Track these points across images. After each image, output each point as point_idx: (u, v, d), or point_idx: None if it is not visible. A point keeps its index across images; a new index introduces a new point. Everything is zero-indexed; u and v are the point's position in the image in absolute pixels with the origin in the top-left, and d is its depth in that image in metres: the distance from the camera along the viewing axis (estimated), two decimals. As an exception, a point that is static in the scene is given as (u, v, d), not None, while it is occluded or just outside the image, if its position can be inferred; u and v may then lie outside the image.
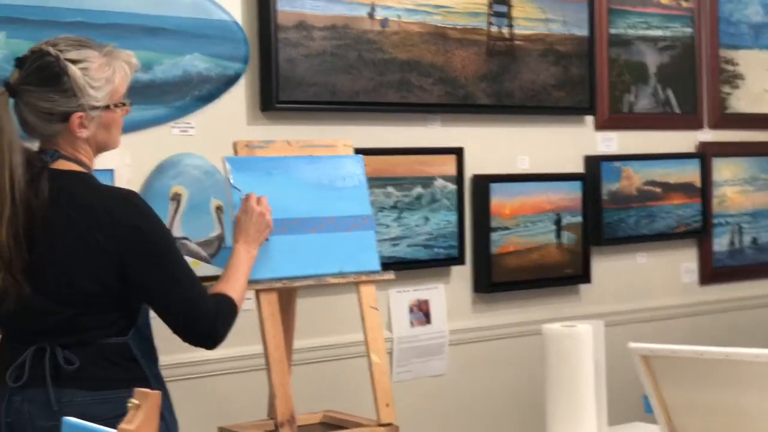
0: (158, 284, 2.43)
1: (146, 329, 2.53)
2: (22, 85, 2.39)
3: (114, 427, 2.32)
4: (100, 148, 2.50)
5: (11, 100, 2.41)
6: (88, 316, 2.41)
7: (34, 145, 2.46)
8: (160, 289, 2.43)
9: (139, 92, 3.01)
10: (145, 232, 2.41)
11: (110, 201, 2.41)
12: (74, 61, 2.39)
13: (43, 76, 2.38)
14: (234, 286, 2.59)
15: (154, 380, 2.48)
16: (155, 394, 1.43)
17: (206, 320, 2.46)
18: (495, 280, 3.94)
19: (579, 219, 4.18)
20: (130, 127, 2.99)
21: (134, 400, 1.43)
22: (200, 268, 3.16)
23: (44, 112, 2.39)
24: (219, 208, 3.29)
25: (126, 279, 2.41)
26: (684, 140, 4.61)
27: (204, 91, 3.26)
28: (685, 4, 4.59)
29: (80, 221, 2.37)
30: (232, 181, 2.85)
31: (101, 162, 2.61)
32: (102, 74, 2.42)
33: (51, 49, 2.39)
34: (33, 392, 2.38)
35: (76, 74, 2.38)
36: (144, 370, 2.46)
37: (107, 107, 2.44)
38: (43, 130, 2.42)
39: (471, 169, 3.92)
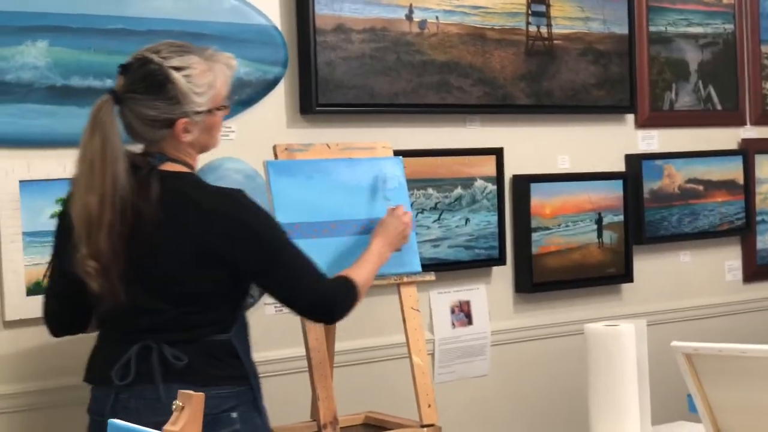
0: (274, 274, 2.50)
1: (245, 326, 2.59)
2: (127, 92, 2.43)
3: (222, 422, 2.40)
4: (202, 149, 2.57)
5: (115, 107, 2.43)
6: (197, 314, 2.46)
7: (137, 147, 2.50)
8: (277, 279, 2.51)
9: (180, 97, 3.03)
10: (255, 227, 2.46)
11: (220, 199, 2.46)
12: (178, 69, 2.43)
13: (148, 84, 2.42)
14: (359, 272, 2.67)
15: (253, 378, 2.54)
16: (198, 396, 1.45)
17: (326, 302, 2.56)
18: (536, 281, 3.94)
19: (620, 218, 4.16)
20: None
21: (178, 402, 1.45)
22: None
23: (150, 119, 2.43)
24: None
25: (240, 274, 2.47)
26: (726, 137, 4.58)
27: (244, 96, 3.28)
28: (725, 1, 4.56)
29: (192, 221, 2.42)
30: (386, 194, 2.98)
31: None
32: (204, 80, 2.46)
33: (155, 57, 2.43)
34: (141, 389, 2.42)
35: (180, 82, 2.42)
36: (245, 367, 2.52)
37: (209, 111, 2.49)
38: (148, 135, 2.46)
39: (511, 170, 3.91)
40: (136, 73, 2.43)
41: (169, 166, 2.48)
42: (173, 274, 2.43)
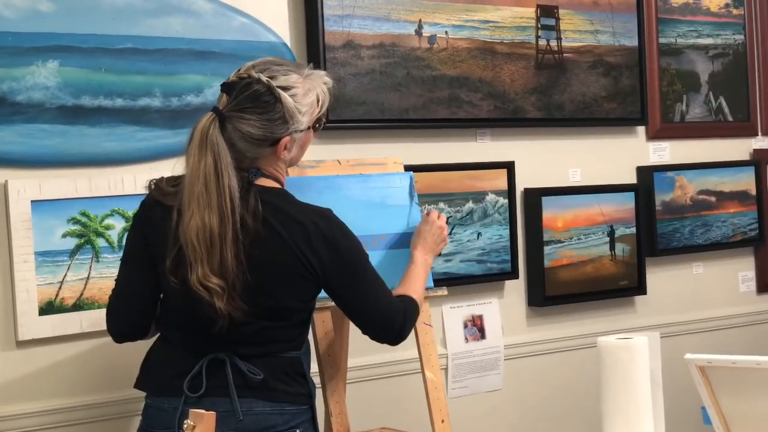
0: (354, 295, 2.55)
1: (309, 344, 2.62)
2: (233, 111, 2.43)
3: None
4: (292, 164, 2.62)
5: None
6: (277, 329, 2.48)
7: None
8: (357, 300, 2.56)
9: (190, 116, 3.04)
10: (345, 248, 2.51)
11: (316, 218, 2.49)
12: (284, 89, 2.45)
13: (256, 104, 2.43)
14: (415, 288, 2.72)
15: (314, 395, 2.57)
16: (209, 415, 1.45)
17: (396, 322, 2.60)
18: (549, 294, 3.93)
19: (633, 230, 4.15)
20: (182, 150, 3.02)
21: (189, 422, 1.45)
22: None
23: (255, 138, 2.44)
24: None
25: (325, 291, 2.52)
26: (738, 148, 4.57)
27: (254, 113, 3.28)
28: (735, 12, 4.55)
29: (291, 237, 2.44)
30: (415, 200, 2.99)
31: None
32: (308, 99, 2.50)
33: (261, 77, 2.44)
34: (211, 402, 2.41)
35: (288, 102, 2.44)
36: (309, 386, 2.54)
37: (308, 129, 2.53)
38: (250, 153, 2.46)
39: (522, 183, 3.91)
40: (242, 92, 2.44)
41: (263, 182, 2.50)
42: (269, 289, 2.44)
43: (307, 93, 2.49)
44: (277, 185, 2.52)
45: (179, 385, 2.43)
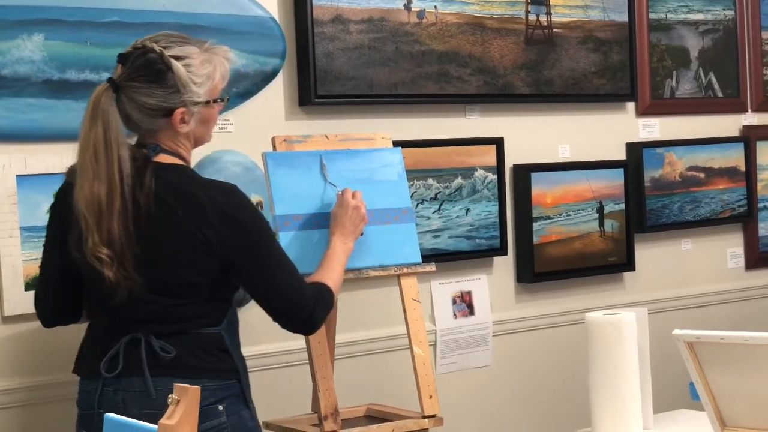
0: (259, 275, 2.48)
1: (235, 320, 2.59)
2: (126, 81, 2.42)
3: (209, 414, 2.39)
4: (197, 142, 2.57)
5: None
6: (186, 306, 2.46)
7: (132, 140, 2.49)
8: (262, 280, 2.49)
9: (177, 90, 3.01)
10: (247, 225, 2.46)
11: (214, 193, 2.45)
12: (177, 58, 2.43)
13: (148, 73, 2.42)
14: (331, 276, 2.66)
15: (242, 371, 2.54)
16: (195, 390, 1.44)
17: (306, 308, 2.52)
18: (538, 270, 3.93)
19: (622, 206, 4.15)
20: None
21: (174, 396, 1.44)
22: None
23: (148, 108, 2.43)
24: (259, 204, 3.29)
25: (228, 269, 2.47)
26: (727, 124, 4.57)
27: (242, 88, 3.27)
28: (725, -13, 4.54)
29: (186, 213, 2.42)
30: (328, 178, 2.89)
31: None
32: (203, 70, 2.47)
33: (155, 46, 2.43)
34: (128, 381, 2.42)
35: (180, 71, 2.42)
36: (234, 361, 2.52)
37: (207, 102, 2.49)
38: (145, 125, 2.46)
39: (511, 159, 3.90)
40: (135, 61, 2.43)
41: (164, 158, 2.47)
42: (165, 265, 2.42)
43: (203, 64, 2.46)
44: (177, 161, 2.50)
45: (98, 367, 2.44)
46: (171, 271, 2.43)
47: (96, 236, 2.36)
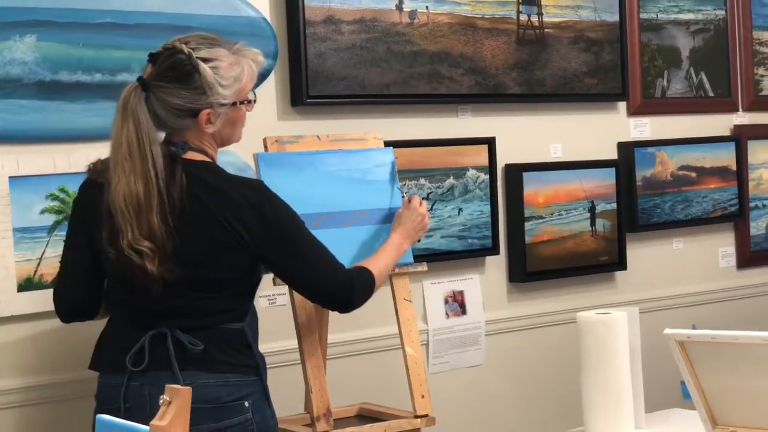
0: (295, 265, 2.54)
1: (255, 317, 2.62)
2: (154, 80, 2.45)
3: (234, 410, 2.43)
4: (224, 142, 2.60)
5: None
6: (213, 301, 2.48)
7: (161, 137, 2.52)
8: (297, 269, 2.56)
9: (169, 91, 3.01)
10: (275, 217, 2.50)
11: (243, 188, 2.49)
12: (205, 60, 2.46)
13: (175, 74, 2.45)
14: (376, 264, 2.72)
15: (263, 368, 2.57)
16: (186, 390, 1.44)
17: (342, 289, 2.59)
18: (530, 270, 3.93)
19: (613, 206, 4.16)
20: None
21: (165, 397, 1.44)
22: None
23: (175, 108, 2.46)
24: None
25: (260, 261, 2.52)
26: (718, 124, 4.58)
27: (234, 88, 3.27)
28: (716, -13, 4.55)
29: (216, 209, 2.44)
30: (398, 186, 2.99)
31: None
32: (231, 73, 2.49)
33: (183, 47, 2.46)
34: (154, 375, 2.43)
35: (206, 72, 2.45)
36: (255, 357, 2.54)
37: (234, 104, 2.51)
38: (172, 123, 2.49)
39: (503, 159, 3.90)
40: (164, 62, 2.46)
41: (192, 155, 2.50)
42: (196, 260, 2.45)
43: (230, 66, 2.49)
44: (205, 158, 2.53)
45: (124, 361, 2.45)
46: (202, 267, 2.45)
47: (136, 230, 2.39)
